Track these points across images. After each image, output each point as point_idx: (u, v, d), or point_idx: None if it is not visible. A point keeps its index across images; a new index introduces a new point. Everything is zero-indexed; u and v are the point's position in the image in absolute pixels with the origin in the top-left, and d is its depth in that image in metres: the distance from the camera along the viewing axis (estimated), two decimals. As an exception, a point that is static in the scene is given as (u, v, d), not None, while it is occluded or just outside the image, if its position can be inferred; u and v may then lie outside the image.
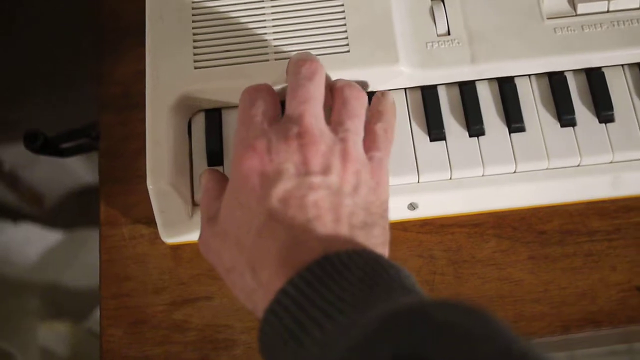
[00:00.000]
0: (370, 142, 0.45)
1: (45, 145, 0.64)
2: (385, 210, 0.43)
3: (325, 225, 0.40)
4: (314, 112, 0.43)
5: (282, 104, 0.46)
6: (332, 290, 0.36)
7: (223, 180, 0.47)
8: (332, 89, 0.47)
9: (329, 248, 0.38)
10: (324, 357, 0.34)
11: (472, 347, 0.31)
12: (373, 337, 0.33)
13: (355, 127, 0.44)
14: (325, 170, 0.41)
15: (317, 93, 0.44)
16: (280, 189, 0.40)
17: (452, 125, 0.51)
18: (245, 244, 0.41)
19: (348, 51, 0.50)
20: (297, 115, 0.43)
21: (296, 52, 0.50)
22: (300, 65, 0.45)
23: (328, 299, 0.36)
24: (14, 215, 1.22)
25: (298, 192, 0.40)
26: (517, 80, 0.52)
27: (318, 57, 0.50)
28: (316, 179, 0.41)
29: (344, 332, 0.34)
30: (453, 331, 0.32)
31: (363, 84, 0.50)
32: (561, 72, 0.52)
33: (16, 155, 1.13)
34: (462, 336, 0.32)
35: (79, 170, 1.19)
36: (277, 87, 0.48)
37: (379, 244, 0.41)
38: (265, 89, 0.46)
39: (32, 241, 1.22)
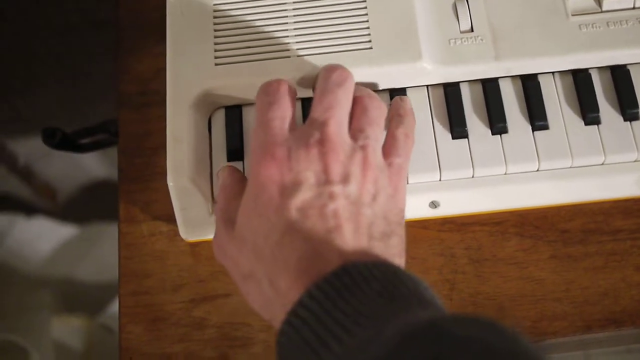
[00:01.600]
0: (390, 147, 0.45)
1: (64, 141, 0.64)
2: (402, 218, 0.43)
3: (345, 235, 0.39)
4: (338, 120, 0.43)
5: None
6: (350, 303, 0.36)
7: (242, 180, 0.47)
8: (353, 98, 0.46)
9: (347, 259, 0.38)
10: None
11: None
12: (393, 353, 0.32)
13: (375, 134, 0.44)
14: (345, 179, 0.41)
15: (344, 100, 0.44)
16: (300, 199, 0.40)
17: (475, 123, 0.51)
18: (263, 253, 0.40)
19: (371, 48, 0.50)
20: (322, 121, 0.42)
21: (318, 48, 0.50)
22: (331, 71, 0.45)
23: (346, 311, 0.36)
24: (27, 209, 1.22)
25: (318, 202, 0.40)
26: (540, 78, 0.51)
27: (340, 53, 0.50)
28: (336, 188, 0.40)
29: (363, 348, 0.34)
30: (474, 346, 0.31)
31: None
32: (585, 70, 0.51)
33: (31, 149, 1.14)
34: (483, 351, 0.31)
35: (93, 165, 1.19)
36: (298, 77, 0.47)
37: (396, 254, 0.41)
38: (283, 89, 0.45)
39: (45, 236, 1.22)
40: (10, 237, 1.22)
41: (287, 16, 0.51)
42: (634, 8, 0.51)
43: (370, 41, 0.50)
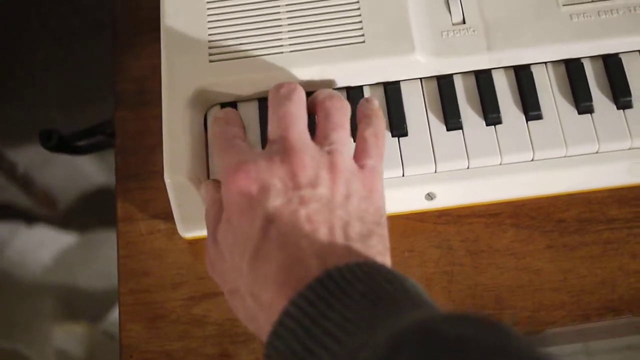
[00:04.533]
0: (361, 150, 0.44)
1: (61, 143, 0.64)
2: (381, 217, 0.42)
3: (321, 239, 0.38)
4: (296, 129, 0.42)
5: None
6: (335, 309, 0.35)
7: None
8: (314, 104, 0.46)
9: (327, 263, 0.37)
10: None
11: None
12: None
13: (341, 138, 0.43)
14: (314, 183, 0.40)
15: (298, 111, 0.44)
16: (270, 207, 0.39)
17: (469, 114, 0.51)
18: (242, 268, 0.40)
19: (363, 42, 0.50)
20: (280, 133, 0.42)
21: (311, 43, 0.51)
22: (278, 87, 0.45)
23: (333, 319, 0.35)
24: (27, 218, 1.22)
25: (289, 208, 0.39)
26: (533, 68, 0.52)
27: (333, 47, 0.50)
28: (306, 192, 0.40)
29: (352, 356, 0.33)
30: (466, 346, 0.31)
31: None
32: (578, 59, 0.52)
33: (30, 157, 1.14)
34: (476, 351, 0.30)
35: (93, 171, 1.19)
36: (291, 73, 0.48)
37: (377, 253, 0.40)
38: (233, 116, 0.46)
39: (46, 244, 1.23)
40: (11, 246, 1.22)
41: (280, 12, 0.52)
42: (624, -3, 0.51)
43: (363, 35, 0.50)
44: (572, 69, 0.51)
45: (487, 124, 0.51)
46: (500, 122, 0.50)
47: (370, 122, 0.46)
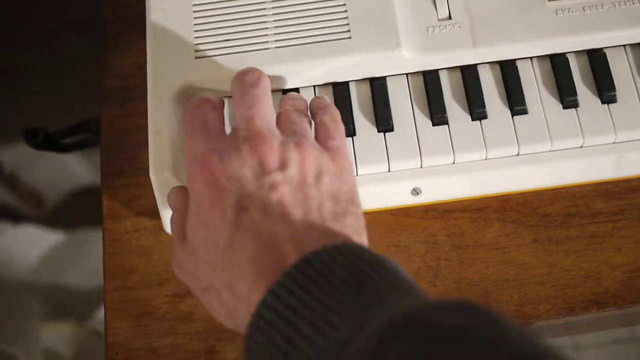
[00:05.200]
0: (322, 134, 0.44)
1: (46, 141, 0.64)
2: (354, 194, 0.41)
3: (295, 222, 0.38)
4: (262, 114, 0.42)
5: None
6: (316, 298, 0.34)
7: None
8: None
9: (303, 248, 0.36)
10: None
11: (482, 351, 0.29)
12: (376, 355, 0.31)
13: (304, 123, 0.44)
14: (283, 165, 0.39)
15: (263, 97, 0.43)
16: (240, 197, 0.38)
17: (455, 109, 0.51)
18: (216, 261, 0.39)
19: (349, 37, 0.50)
20: (246, 120, 0.41)
21: (297, 39, 0.50)
22: (243, 75, 0.44)
23: (314, 308, 0.34)
24: (14, 217, 1.22)
25: (259, 195, 0.38)
26: (518, 63, 0.52)
27: (319, 43, 0.50)
28: (275, 176, 0.39)
29: (339, 350, 0.32)
30: (460, 337, 0.30)
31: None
32: (563, 54, 0.52)
33: (16, 156, 1.13)
34: (470, 341, 0.30)
35: (79, 170, 1.19)
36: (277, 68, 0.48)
37: (354, 232, 0.39)
38: (206, 101, 0.44)
39: (33, 243, 1.22)
40: (-2, 245, 1.21)
41: (265, 8, 0.52)
42: (608, -8, 0.51)
43: (349, 31, 0.51)
44: (557, 64, 0.51)
45: (473, 119, 0.51)
46: (485, 117, 0.51)
47: (326, 111, 0.46)
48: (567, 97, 0.50)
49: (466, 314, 0.31)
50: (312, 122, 0.46)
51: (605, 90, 0.50)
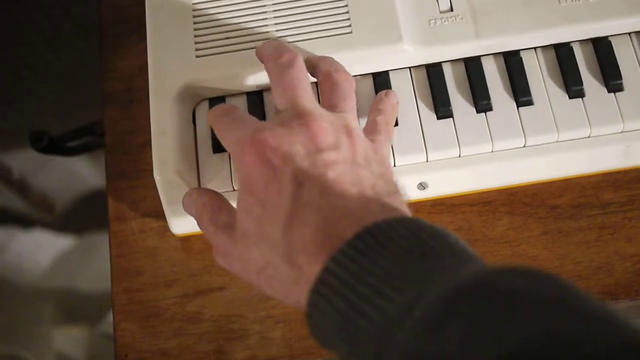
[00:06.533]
0: (371, 128, 0.44)
1: (51, 144, 0.64)
2: (397, 182, 0.42)
3: (354, 199, 0.38)
4: (305, 95, 0.42)
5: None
6: (379, 264, 0.34)
7: (214, 192, 0.46)
8: (317, 73, 0.46)
9: (364, 220, 0.36)
10: (389, 341, 0.32)
11: (549, 313, 0.29)
12: (443, 317, 0.30)
13: (350, 107, 0.43)
14: (335, 146, 0.40)
15: (302, 76, 0.43)
16: (297, 173, 0.38)
17: (459, 102, 0.50)
18: (275, 238, 0.39)
19: (351, 32, 0.50)
20: (289, 101, 0.41)
21: (298, 35, 0.50)
22: (277, 56, 0.44)
23: (377, 274, 0.34)
24: (24, 222, 1.22)
25: (316, 171, 0.38)
26: (522, 54, 0.51)
27: (320, 39, 0.50)
28: (329, 155, 0.39)
29: (406, 313, 0.32)
30: (525, 300, 0.30)
31: None
32: (567, 43, 0.51)
33: (24, 162, 1.14)
34: (535, 303, 0.29)
35: (87, 173, 1.19)
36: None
37: (406, 210, 0.39)
38: (230, 105, 0.45)
39: (43, 248, 1.22)
40: (9, 251, 1.22)
41: (266, 5, 0.51)
42: (612, -21, 0.51)
43: (350, 26, 0.50)
44: (561, 54, 0.51)
45: (478, 111, 0.50)
46: (490, 109, 0.50)
47: (382, 112, 0.47)
48: (572, 86, 0.50)
49: (531, 278, 0.31)
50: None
51: (612, 78, 0.50)
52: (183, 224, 0.52)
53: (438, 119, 0.50)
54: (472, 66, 0.51)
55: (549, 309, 0.29)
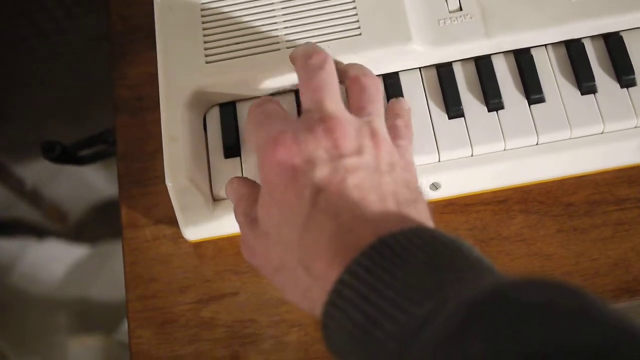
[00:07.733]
0: (392, 133, 0.44)
1: (63, 154, 0.64)
2: (421, 188, 0.42)
3: (372, 206, 0.37)
4: (332, 98, 0.42)
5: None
6: (395, 276, 0.34)
7: (255, 184, 0.46)
8: (345, 78, 0.46)
9: (381, 230, 0.36)
10: (407, 354, 0.32)
11: (569, 326, 0.29)
12: (461, 330, 0.30)
13: (378, 110, 0.43)
14: (359, 151, 0.39)
15: (331, 79, 0.43)
16: (317, 178, 0.38)
17: (470, 101, 0.50)
18: (291, 241, 0.39)
19: (360, 34, 0.50)
20: (316, 103, 0.41)
21: (307, 38, 0.50)
22: (307, 57, 0.44)
23: (393, 286, 0.34)
24: (38, 232, 1.23)
25: (336, 177, 0.38)
26: (533, 51, 0.51)
27: (330, 41, 0.50)
28: (351, 161, 0.39)
29: (423, 326, 0.32)
30: (544, 312, 0.29)
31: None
32: (578, 39, 0.51)
33: (37, 172, 1.14)
34: (555, 315, 0.29)
35: (100, 182, 1.19)
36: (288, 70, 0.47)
37: (426, 218, 0.39)
38: (266, 99, 0.45)
39: (57, 258, 1.23)
40: (24, 261, 1.22)
41: (275, 9, 0.51)
42: (622, -26, 0.50)
43: (359, 27, 0.50)
44: (573, 50, 0.50)
45: (489, 110, 0.50)
46: (502, 108, 0.50)
47: (399, 115, 0.47)
48: (584, 82, 0.49)
49: (550, 290, 0.31)
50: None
51: (624, 73, 0.49)
52: (196, 230, 0.52)
53: (449, 118, 0.50)
54: (482, 65, 0.51)
55: (569, 322, 0.29)
